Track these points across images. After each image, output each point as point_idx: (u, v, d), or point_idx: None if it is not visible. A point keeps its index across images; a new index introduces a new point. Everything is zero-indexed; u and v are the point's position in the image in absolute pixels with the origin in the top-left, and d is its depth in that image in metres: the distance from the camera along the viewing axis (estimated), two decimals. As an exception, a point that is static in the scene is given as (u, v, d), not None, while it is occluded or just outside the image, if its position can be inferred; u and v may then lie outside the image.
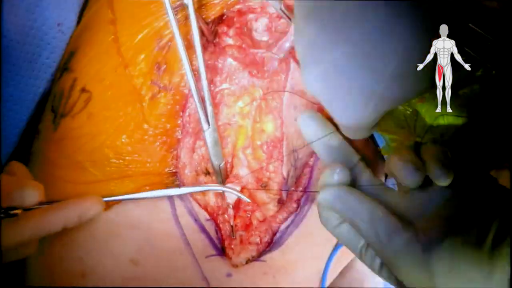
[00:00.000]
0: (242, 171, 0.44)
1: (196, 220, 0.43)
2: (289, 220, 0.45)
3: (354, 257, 0.53)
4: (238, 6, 0.43)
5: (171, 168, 0.43)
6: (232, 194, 0.42)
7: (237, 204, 0.44)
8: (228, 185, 0.43)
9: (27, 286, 0.43)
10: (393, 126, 0.47)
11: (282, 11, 0.43)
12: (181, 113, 0.43)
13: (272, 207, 0.45)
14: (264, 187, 0.45)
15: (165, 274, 0.43)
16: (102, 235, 0.42)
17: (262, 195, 0.45)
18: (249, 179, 0.44)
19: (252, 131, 0.44)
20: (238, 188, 0.43)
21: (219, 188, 0.43)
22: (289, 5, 0.43)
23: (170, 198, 0.43)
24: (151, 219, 0.42)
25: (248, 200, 0.43)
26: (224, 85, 0.44)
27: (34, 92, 0.43)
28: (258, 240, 0.45)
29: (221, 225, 0.44)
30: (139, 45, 0.41)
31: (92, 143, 0.42)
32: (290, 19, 0.43)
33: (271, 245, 0.45)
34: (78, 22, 0.45)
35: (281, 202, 0.45)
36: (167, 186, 0.42)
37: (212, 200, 0.44)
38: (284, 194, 0.45)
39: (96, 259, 0.42)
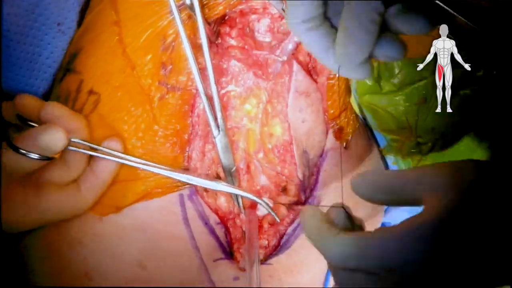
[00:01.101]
0: (261, 178, 0.44)
1: (206, 223, 0.43)
2: (296, 223, 0.45)
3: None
4: (240, 7, 0.43)
5: (183, 170, 0.42)
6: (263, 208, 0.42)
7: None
8: (264, 199, 0.42)
9: (31, 286, 0.41)
10: (394, 126, 0.48)
11: (284, 11, 0.43)
12: (190, 113, 0.42)
13: (283, 211, 0.45)
14: (284, 191, 0.45)
15: (171, 277, 0.42)
16: (108, 237, 0.41)
17: (282, 199, 0.45)
18: (268, 184, 0.44)
19: (260, 134, 0.44)
20: (271, 204, 0.42)
21: (254, 198, 0.42)
22: (292, 6, 0.44)
23: (181, 201, 0.42)
24: (160, 221, 0.41)
25: (278, 219, 0.43)
26: (230, 87, 0.44)
27: (34, 92, 0.43)
28: (266, 243, 0.44)
29: (231, 229, 0.44)
30: (144, 46, 0.41)
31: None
32: None
33: (278, 248, 0.45)
34: (78, 22, 0.44)
35: (291, 208, 0.45)
36: (178, 188, 0.42)
37: (223, 204, 0.43)
38: (302, 195, 0.45)
39: (101, 261, 0.41)
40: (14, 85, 0.41)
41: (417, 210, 0.55)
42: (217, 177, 0.43)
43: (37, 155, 0.35)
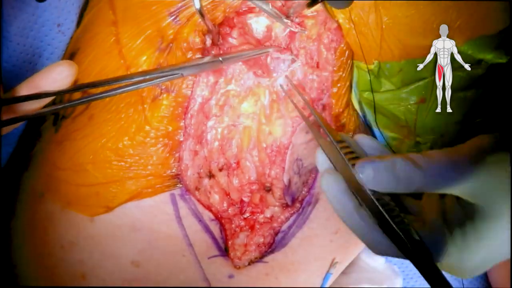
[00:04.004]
0: (251, 175, 0.44)
1: (200, 220, 0.43)
2: (292, 220, 0.45)
3: (356, 256, 0.54)
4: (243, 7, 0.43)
5: (173, 170, 0.42)
6: None
7: (241, 206, 0.45)
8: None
9: (27, 287, 0.42)
10: (393, 124, 0.47)
11: (275, 12, 0.42)
12: (183, 116, 0.42)
13: (277, 209, 0.45)
14: (268, 191, 0.45)
15: (167, 276, 0.42)
16: (102, 237, 0.42)
17: (271, 198, 0.45)
18: (256, 181, 0.45)
19: (257, 132, 0.44)
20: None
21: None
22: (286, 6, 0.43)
23: (173, 200, 0.42)
24: (153, 221, 0.42)
25: None
26: (230, 87, 0.44)
27: (34, 93, 0.43)
28: (261, 240, 0.45)
29: (226, 225, 0.44)
30: (140, 47, 0.41)
31: (94, 145, 0.41)
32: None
33: (272, 246, 0.45)
34: (78, 22, 0.44)
35: (285, 206, 0.45)
36: (169, 189, 0.42)
37: (217, 201, 0.44)
38: (288, 199, 0.45)
39: (97, 261, 0.42)
40: (14, 86, 0.42)
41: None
42: (210, 175, 0.44)
43: None
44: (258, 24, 0.44)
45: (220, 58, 0.40)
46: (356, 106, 0.49)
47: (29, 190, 0.44)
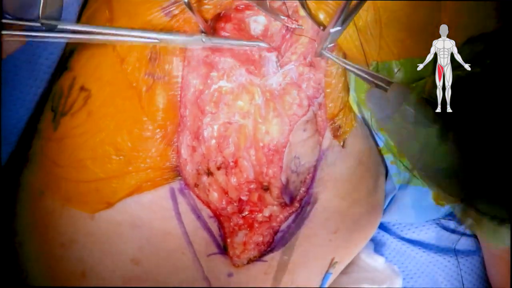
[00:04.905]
0: (248, 174, 0.44)
1: (199, 216, 0.43)
2: (291, 220, 0.45)
3: (356, 256, 0.54)
4: (237, 3, 0.43)
5: (172, 161, 0.42)
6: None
7: (240, 205, 0.45)
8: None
9: (27, 286, 0.42)
10: (393, 125, 0.47)
11: (271, 8, 0.42)
12: (178, 104, 0.42)
13: (276, 208, 0.45)
14: (266, 190, 0.45)
15: (166, 274, 0.42)
16: (102, 235, 0.42)
17: (269, 197, 0.45)
18: (254, 180, 0.45)
19: (253, 130, 0.44)
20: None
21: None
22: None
23: (173, 195, 0.42)
24: (153, 217, 0.42)
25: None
26: (222, 82, 0.44)
27: (34, 92, 0.43)
28: (260, 239, 0.45)
29: (224, 223, 0.44)
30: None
31: (93, 141, 0.41)
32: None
33: (272, 245, 0.45)
34: (77, 21, 0.45)
35: (284, 206, 0.45)
36: (168, 181, 0.42)
37: (215, 199, 0.44)
38: (286, 198, 0.45)
39: (97, 259, 0.42)
40: (14, 85, 0.42)
41: (421, 206, 0.54)
42: (208, 173, 0.44)
43: None
44: (257, 23, 0.44)
45: (203, 37, 0.40)
46: (355, 108, 0.49)
47: (29, 188, 0.45)
